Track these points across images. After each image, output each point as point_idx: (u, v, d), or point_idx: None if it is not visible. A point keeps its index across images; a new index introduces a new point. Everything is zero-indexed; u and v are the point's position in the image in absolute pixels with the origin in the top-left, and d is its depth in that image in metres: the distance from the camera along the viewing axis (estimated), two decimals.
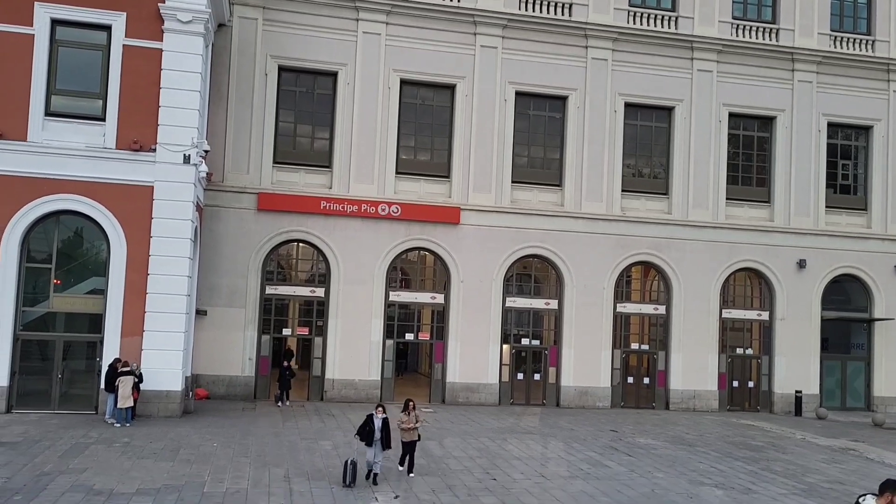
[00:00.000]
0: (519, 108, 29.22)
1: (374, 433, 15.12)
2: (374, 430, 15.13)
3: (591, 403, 29.01)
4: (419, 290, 28.85)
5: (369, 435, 15.12)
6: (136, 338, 21.55)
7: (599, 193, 29.54)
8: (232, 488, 14.53)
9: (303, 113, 28.02)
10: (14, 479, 14.32)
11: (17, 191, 21.11)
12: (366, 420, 15.32)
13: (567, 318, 29.14)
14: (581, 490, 15.87)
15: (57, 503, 12.99)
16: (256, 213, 26.83)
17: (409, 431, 15.93)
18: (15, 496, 13.25)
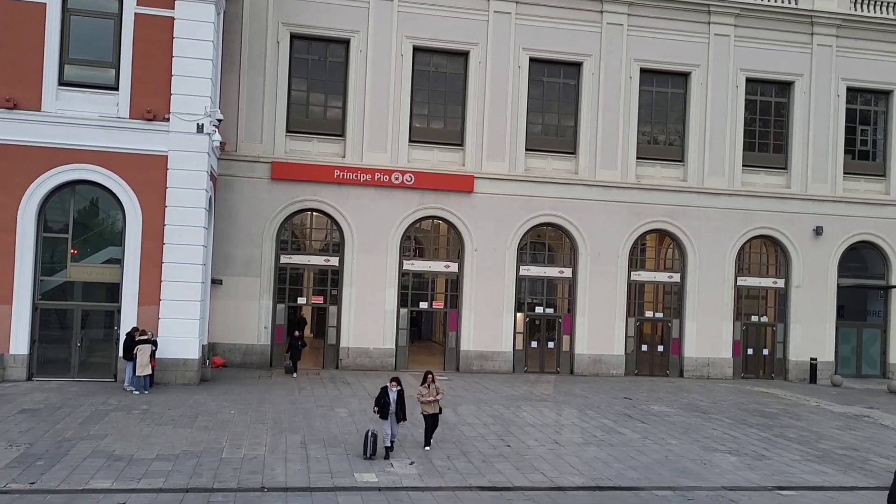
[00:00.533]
0: (533, 75, 28.92)
1: (388, 406, 14.92)
2: (390, 403, 14.93)
3: (605, 371, 29.09)
4: (433, 258, 28.86)
5: (385, 408, 14.93)
6: (153, 307, 21.74)
7: (614, 161, 29.31)
8: (249, 454, 14.73)
9: (315, 81, 27.87)
10: (36, 445, 14.58)
11: (32, 161, 21.19)
12: (381, 393, 15.14)
13: (581, 286, 29.12)
14: (595, 456, 15.97)
15: (79, 468, 13.22)
16: (270, 182, 26.84)
17: (429, 404, 15.55)
18: (38, 461, 13.50)
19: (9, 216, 21.09)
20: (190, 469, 13.50)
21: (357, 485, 13.13)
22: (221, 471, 13.51)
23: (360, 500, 12.35)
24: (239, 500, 12.00)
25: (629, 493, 13.56)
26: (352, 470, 13.99)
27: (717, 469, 15.46)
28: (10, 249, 21.11)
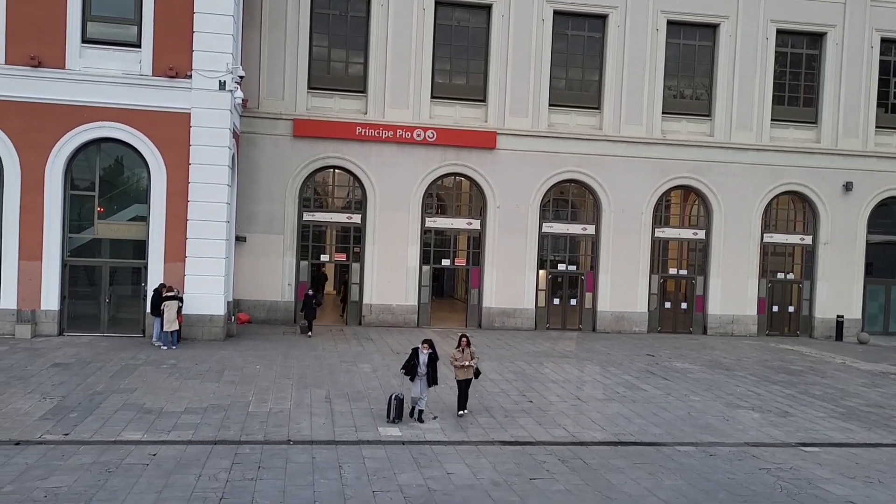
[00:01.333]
0: (557, 29, 28.41)
1: (418, 368, 14.49)
2: (419, 365, 14.48)
3: (628, 328, 29.08)
4: (455, 215, 28.82)
5: (413, 370, 14.51)
6: (179, 263, 21.99)
7: (639, 116, 28.88)
8: (275, 408, 14.98)
9: (337, 37, 27.61)
10: (69, 398, 14.93)
11: (57, 119, 21.32)
12: (411, 354, 14.70)
13: (604, 243, 28.97)
14: (617, 412, 16.06)
15: (110, 420, 13.54)
16: (292, 139, 26.81)
17: (463, 369, 14.92)
18: (70, 414, 13.84)
19: (36, 174, 21.32)
20: (217, 422, 13.78)
21: (381, 438, 13.34)
22: (248, 424, 13.77)
23: (384, 453, 12.55)
24: (266, 453, 12.24)
25: (651, 448, 13.65)
26: (375, 424, 14.20)
27: (740, 425, 15.49)
28: (38, 207, 21.38)
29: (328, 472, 11.44)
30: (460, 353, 14.94)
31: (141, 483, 10.59)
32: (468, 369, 14.91)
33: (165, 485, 10.58)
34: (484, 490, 11.05)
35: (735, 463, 12.97)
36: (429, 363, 14.53)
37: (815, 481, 12.14)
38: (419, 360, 14.51)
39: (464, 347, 14.96)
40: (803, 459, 13.37)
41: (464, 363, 14.86)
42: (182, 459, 11.68)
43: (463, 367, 14.87)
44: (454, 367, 15.03)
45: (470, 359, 14.95)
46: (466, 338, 15.20)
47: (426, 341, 14.78)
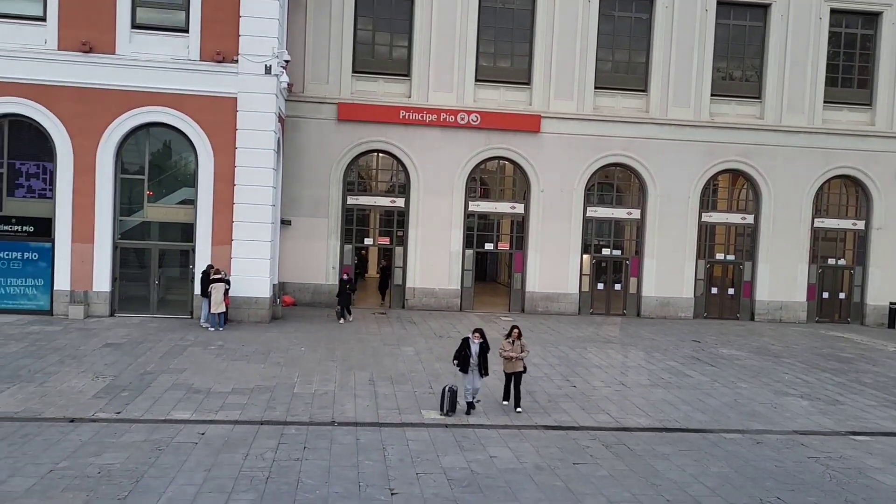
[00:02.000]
0: (603, 10, 27.98)
1: (470, 359, 14.04)
2: (471, 356, 14.01)
3: (673, 314, 28.72)
4: (498, 199, 28.70)
5: (465, 360, 14.06)
6: (226, 246, 22.33)
7: (687, 98, 28.36)
8: (320, 390, 15.16)
9: (381, 20, 27.58)
10: (121, 377, 15.30)
11: (108, 104, 21.74)
12: (462, 344, 14.23)
13: (650, 227, 28.61)
14: (662, 398, 15.90)
15: (160, 399, 13.85)
16: (337, 123, 26.94)
17: (512, 362, 14.32)
18: (122, 392, 14.19)
19: (88, 158, 21.80)
20: (264, 403, 13.99)
21: (424, 421, 13.41)
22: (294, 405, 13.96)
23: (427, 436, 12.62)
24: (311, 434, 12.39)
25: (697, 435, 13.49)
26: (419, 407, 14.27)
27: (788, 413, 15.22)
28: (90, 190, 21.87)
29: (372, 454, 11.54)
30: (510, 345, 14.40)
31: (190, 461, 10.82)
32: (517, 362, 14.31)
33: (214, 463, 10.79)
34: (527, 474, 11.04)
35: (783, 451, 12.75)
36: (480, 353, 14.06)
37: (865, 471, 11.88)
38: (471, 350, 14.05)
39: (514, 339, 14.38)
40: (854, 448, 13.09)
41: (512, 355, 14.31)
42: (230, 439, 11.90)
43: (511, 360, 14.31)
44: (503, 359, 14.45)
45: (520, 351, 14.38)
46: (518, 329, 14.58)
47: (477, 330, 14.32)
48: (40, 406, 13.09)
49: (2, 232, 21.93)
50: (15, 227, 22.01)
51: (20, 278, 22.06)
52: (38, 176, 22.13)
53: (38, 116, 21.59)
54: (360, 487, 10.18)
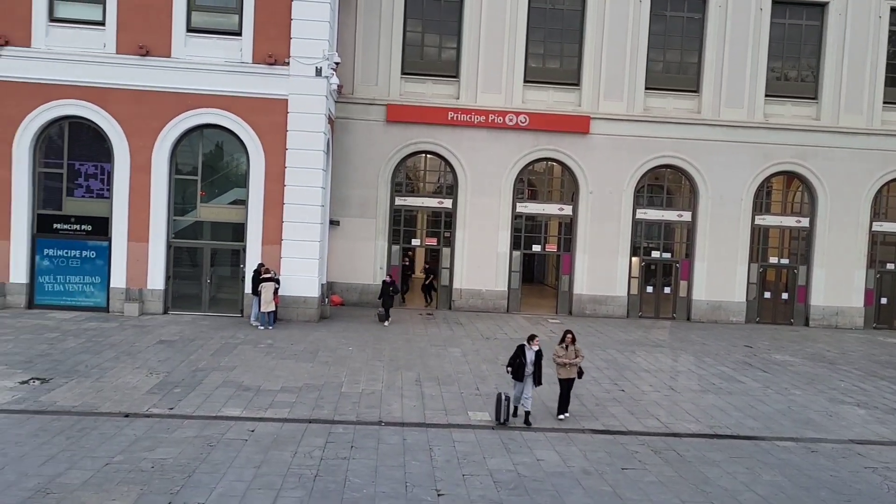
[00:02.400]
0: (655, 10, 27.62)
1: (525, 367, 13.52)
2: (526, 364, 13.50)
3: (724, 318, 28.19)
4: (546, 201, 28.53)
5: (520, 369, 13.52)
6: (276, 246, 22.63)
7: (740, 99, 27.82)
8: (367, 389, 15.26)
9: (430, 22, 27.66)
10: (173, 374, 15.63)
11: (164, 106, 22.23)
12: (517, 351, 13.71)
13: (701, 230, 28.14)
14: (712, 404, 15.62)
15: (211, 396, 14.11)
16: (385, 124, 27.10)
17: (567, 368, 13.90)
18: (175, 389, 14.49)
19: (144, 158, 22.33)
20: (312, 401, 14.15)
21: (471, 423, 13.40)
22: (341, 404, 14.08)
23: (473, 437, 12.61)
24: (358, 433, 12.49)
25: (748, 442, 13.22)
26: (465, 408, 14.28)
27: (844, 421, 14.82)
28: (145, 191, 22.40)
29: (419, 454, 11.58)
30: (564, 350, 13.96)
31: (241, 457, 11.00)
32: (572, 368, 13.91)
33: (263, 460, 10.94)
34: (574, 478, 10.96)
35: (838, 460, 12.41)
36: (536, 360, 13.60)
37: None
38: (526, 357, 13.56)
39: (568, 344, 13.96)
40: None
41: (567, 361, 13.90)
42: (279, 436, 12.06)
43: (566, 366, 13.90)
44: (556, 365, 14.05)
45: (574, 357, 13.98)
46: (572, 334, 14.15)
47: (532, 336, 13.91)
48: (97, 401, 13.45)
49: (61, 231, 22.59)
50: (74, 226, 22.65)
51: (78, 276, 22.69)
52: (96, 176, 22.74)
53: (97, 118, 22.18)
54: (407, 488, 10.23)
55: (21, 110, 21.89)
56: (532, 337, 13.89)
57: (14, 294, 22.19)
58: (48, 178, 22.70)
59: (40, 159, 22.55)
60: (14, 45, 21.76)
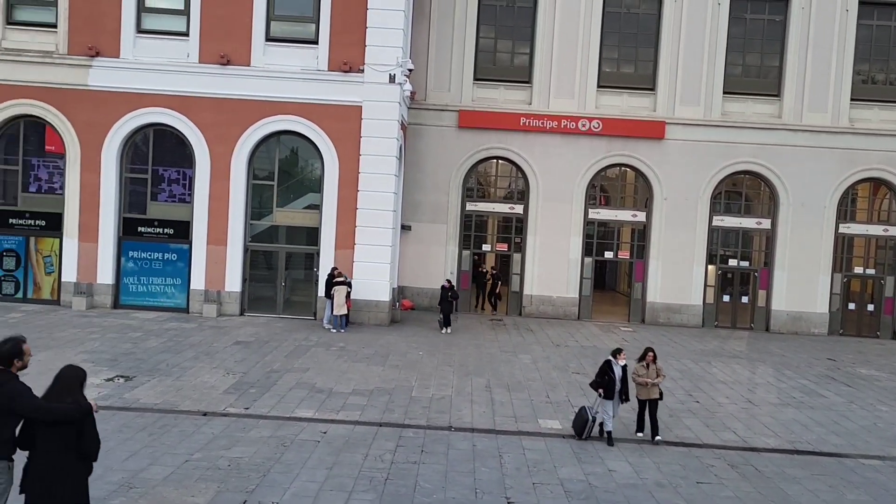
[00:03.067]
0: (733, 13, 26.93)
1: (614, 384, 12.88)
2: (615, 381, 12.88)
3: (805, 329, 27.22)
4: (619, 207, 28.13)
5: (609, 386, 12.85)
6: (349, 250, 22.97)
7: (824, 103, 26.87)
8: (437, 394, 15.31)
9: (503, 28, 27.66)
10: (249, 374, 16.01)
11: (243, 113, 22.86)
12: (603, 367, 13.09)
13: (781, 238, 27.26)
14: (793, 418, 15.10)
15: (285, 397, 14.39)
16: (457, 130, 27.20)
17: (647, 387, 13.13)
18: (250, 389, 14.84)
19: (224, 164, 22.99)
20: (383, 405, 14.28)
21: (541, 430, 13.30)
22: (411, 408, 14.16)
23: (543, 445, 12.50)
24: (428, 437, 12.54)
25: (831, 459, 12.72)
26: (535, 415, 14.17)
27: None
28: (224, 195, 23.05)
29: (488, 461, 11.55)
30: (644, 369, 13.20)
31: (313, 459, 11.18)
32: (653, 388, 13.14)
33: (335, 462, 11.09)
34: (647, 490, 10.74)
35: None
36: (622, 376, 13.00)
37: None
38: (614, 373, 12.93)
39: (649, 362, 13.21)
40: None
41: (648, 380, 13.14)
42: (350, 439, 12.21)
43: (647, 386, 13.15)
44: (637, 384, 13.26)
45: (655, 376, 13.21)
46: (653, 352, 13.38)
47: (618, 350, 13.31)
48: (177, 399, 13.88)
49: (145, 234, 23.46)
50: (157, 229, 23.49)
51: (160, 277, 23.51)
52: (178, 181, 23.54)
53: (180, 125, 22.96)
54: (477, 494, 10.21)
55: (109, 118, 22.83)
56: (618, 351, 13.28)
57: (101, 294, 23.14)
58: (133, 183, 23.60)
59: (126, 165, 23.47)
60: (104, 56, 22.73)
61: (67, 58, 22.74)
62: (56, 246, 23.40)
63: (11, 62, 22.71)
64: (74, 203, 23.05)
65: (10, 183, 23.53)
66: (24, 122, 23.22)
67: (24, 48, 22.81)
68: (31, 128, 23.34)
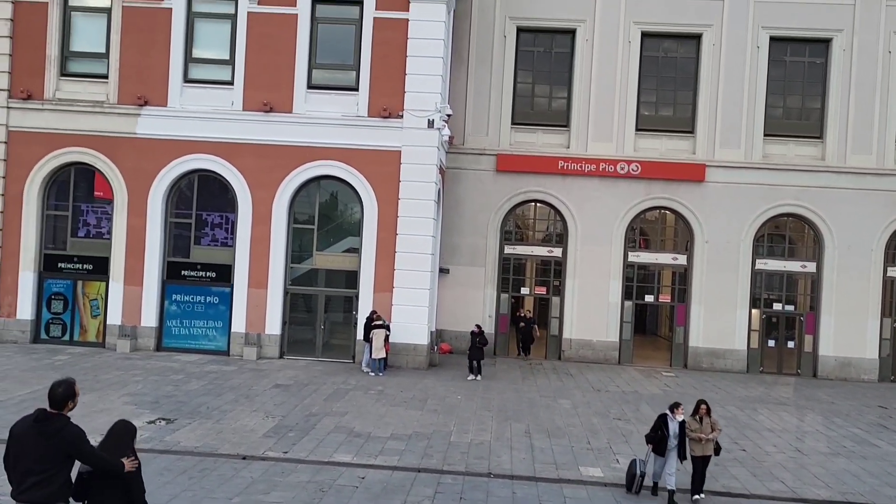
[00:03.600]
0: (773, 55, 26.85)
1: (668, 440, 12.15)
2: (670, 437, 12.13)
3: (855, 376, 26.45)
4: (659, 250, 27.87)
5: (662, 443, 12.18)
6: (387, 293, 23.04)
7: (868, 145, 26.48)
8: (476, 440, 15.14)
9: (540, 73, 27.92)
10: (288, 418, 16.03)
11: (285, 159, 23.28)
12: (657, 422, 12.37)
13: (826, 281, 26.69)
14: (844, 469, 14.59)
15: (324, 441, 14.35)
16: (495, 174, 27.33)
17: (702, 444, 12.27)
18: (289, 433, 14.84)
19: (265, 209, 23.36)
20: (421, 450, 14.15)
21: (582, 478, 13.04)
22: (450, 454, 14.01)
23: (585, 493, 12.25)
24: (467, 484, 12.37)
25: None
26: (576, 462, 13.91)
27: None
28: (266, 239, 23.38)
29: None
30: (697, 424, 12.35)
31: None
32: (708, 444, 12.29)
33: None
34: None
35: None
36: (680, 432, 12.19)
37: None
38: (668, 429, 12.17)
39: (702, 416, 12.42)
40: None
41: (702, 436, 12.25)
42: (388, 484, 12.10)
43: (701, 441, 12.26)
44: (690, 440, 12.33)
45: (711, 431, 12.34)
46: (706, 405, 12.62)
47: (676, 404, 12.45)
48: (217, 442, 13.93)
49: (188, 277, 23.84)
50: (200, 272, 23.87)
51: (202, 320, 23.81)
52: (221, 226, 23.96)
53: (224, 171, 23.46)
54: None
55: (156, 165, 23.44)
56: (676, 405, 12.44)
57: (144, 337, 23.48)
58: (178, 228, 24.09)
59: (171, 210, 23.99)
60: (152, 104, 23.43)
61: (117, 107, 23.50)
62: (102, 289, 23.89)
63: (64, 112, 23.53)
64: (121, 247, 23.58)
65: (60, 228, 24.18)
66: (74, 168, 23.94)
67: (77, 98, 23.63)
68: (81, 174, 24.05)
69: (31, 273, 23.72)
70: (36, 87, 23.61)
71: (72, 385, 6.75)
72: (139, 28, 23.48)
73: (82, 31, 24.02)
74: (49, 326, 24.01)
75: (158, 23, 23.45)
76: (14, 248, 23.66)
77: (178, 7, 23.46)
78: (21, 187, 23.59)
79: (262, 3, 23.30)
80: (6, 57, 23.55)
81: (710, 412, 12.64)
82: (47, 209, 24.08)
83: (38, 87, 23.62)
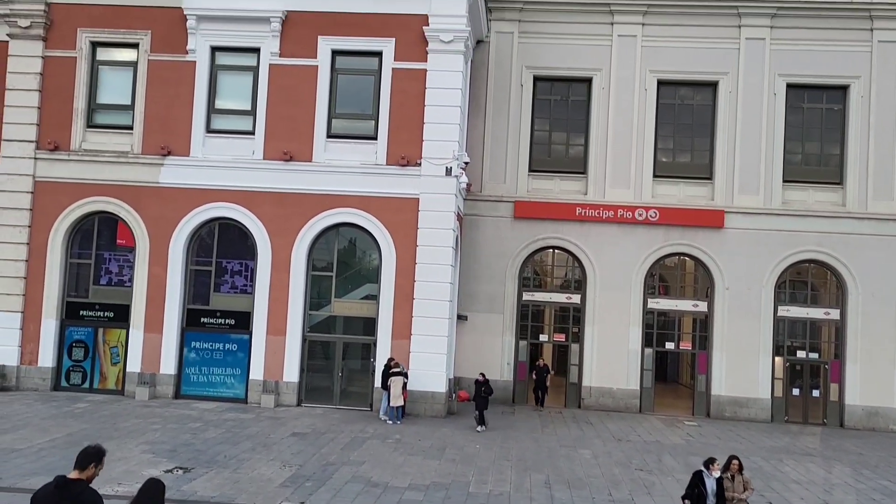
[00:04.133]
0: (791, 102, 26.94)
1: (705, 499, 11.73)
2: (707, 496, 11.71)
3: (883, 426, 25.85)
4: (679, 297, 27.66)
5: (700, 500, 11.75)
6: (405, 340, 22.98)
7: (890, 191, 26.31)
8: (495, 490, 14.90)
9: (557, 120, 28.16)
10: (305, 467, 15.89)
11: (304, 207, 23.52)
12: (693, 479, 11.92)
13: (851, 328, 26.28)
14: None
15: (341, 492, 14.19)
16: (513, 220, 27.41)
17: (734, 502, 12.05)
18: (306, 482, 14.70)
19: (284, 256, 23.53)
20: (439, 501, 13.94)
21: None
22: None
23: None
24: None
25: None
26: None
27: None
28: (284, 286, 23.49)
29: None
30: (730, 482, 12.06)
31: None
32: (739, 503, 12.05)
33: None
34: None
35: None
36: (717, 490, 11.77)
37: None
38: (706, 486, 11.74)
39: (734, 473, 12.14)
40: None
41: (734, 495, 11.97)
42: None
43: (734, 500, 11.98)
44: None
45: (743, 490, 12.07)
46: (738, 461, 12.34)
47: (712, 461, 11.97)
48: (234, 492, 13.82)
49: (208, 324, 23.94)
50: (219, 319, 23.97)
51: (221, 367, 23.83)
52: (240, 273, 24.13)
53: (244, 219, 23.71)
54: None
55: (178, 213, 23.75)
56: (711, 461, 11.98)
57: (163, 384, 23.51)
58: (198, 275, 24.27)
59: (192, 257, 24.22)
60: (175, 154, 23.85)
61: (141, 157, 23.94)
62: (123, 337, 24.03)
63: (90, 162, 24.01)
64: (142, 295, 23.78)
65: (83, 276, 24.47)
66: (98, 217, 24.31)
67: (102, 149, 24.13)
68: (104, 223, 24.41)
69: (53, 321, 23.94)
70: (63, 139, 24.16)
71: (102, 451, 6.85)
72: (164, 80, 24.05)
73: (109, 84, 24.64)
74: (69, 374, 24.13)
75: (183, 75, 24.01)
76: (37, 296, 23.93)
77: (202, 60, 24.03)
78: (46, 236, 23.97)
79: (283, 55, 23.80)
80: (35, 110, 24.18)
81: (741, 469, 12.29)
82: (71, 257, 24.41)
83: (64, 139, 24.17)
